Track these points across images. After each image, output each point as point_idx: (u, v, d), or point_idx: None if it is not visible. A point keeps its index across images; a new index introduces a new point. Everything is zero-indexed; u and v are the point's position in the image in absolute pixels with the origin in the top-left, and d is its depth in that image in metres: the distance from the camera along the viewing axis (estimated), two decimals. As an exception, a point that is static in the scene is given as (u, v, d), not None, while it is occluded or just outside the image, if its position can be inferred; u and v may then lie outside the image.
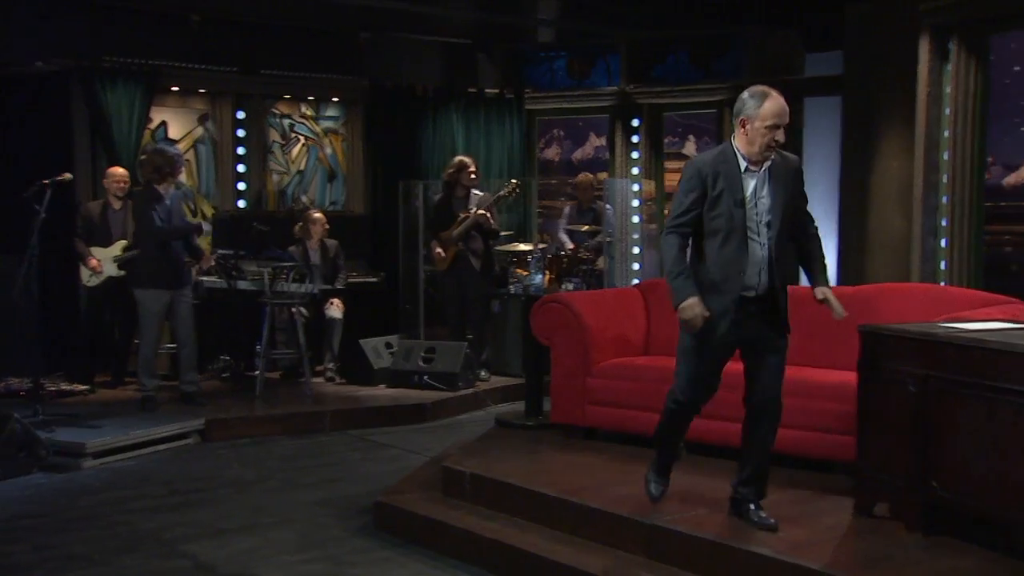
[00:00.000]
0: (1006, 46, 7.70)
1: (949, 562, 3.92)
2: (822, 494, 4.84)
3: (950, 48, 7.87)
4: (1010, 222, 7.74)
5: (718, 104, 10.41)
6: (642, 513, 4.58)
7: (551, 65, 11.25)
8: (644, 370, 5.93)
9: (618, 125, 10.99)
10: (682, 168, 4.60)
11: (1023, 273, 7.62)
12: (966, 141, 7.83)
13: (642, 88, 10.75)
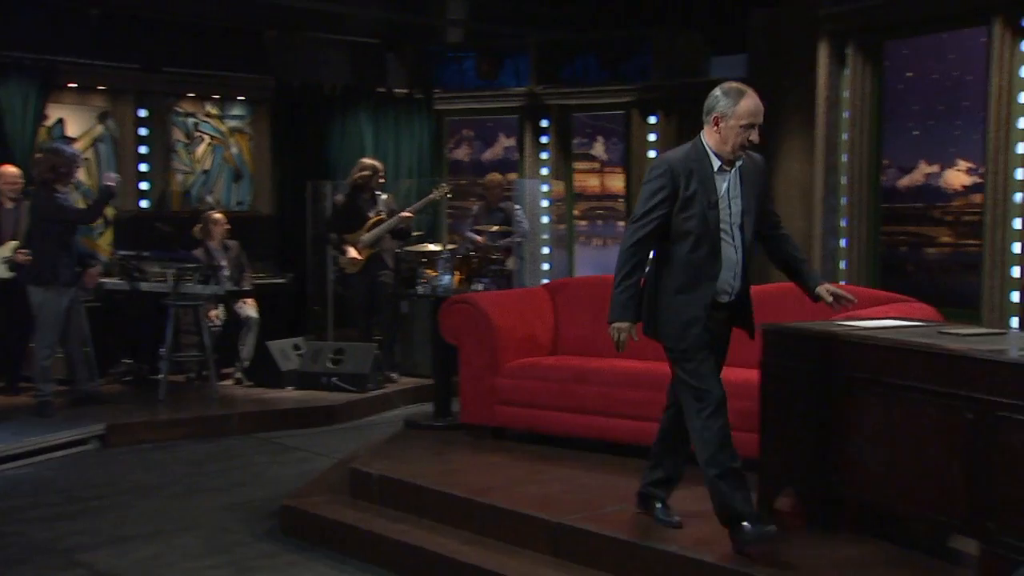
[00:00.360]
0: (900, 52, 7.94)
1: (847, 553, 4.02)
2: (726, 490, 4.91)
3: (847, 53, 8.08)
4: (905, 223, 7.98)
5: (626, 106, 10.52)
6: (549, 512, 4.59)
7: (460, 66, 11.24)
8: (552, 370, 5.97)
9: (527, 126, 11.03)
10: (651, 165, 4.22)
11: (918, 272, 7.87)
12: (863, 144, 8.05)
13: (551, 89, 10.81)
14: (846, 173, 8.18)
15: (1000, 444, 3.54)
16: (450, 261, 7.32)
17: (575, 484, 5.09)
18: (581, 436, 5.76)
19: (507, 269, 9.10)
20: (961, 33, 7.47)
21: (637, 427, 5.54)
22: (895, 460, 3.98)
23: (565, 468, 5.39)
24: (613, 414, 5.62)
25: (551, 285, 6.96)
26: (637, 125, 10.49)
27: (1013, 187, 7.04)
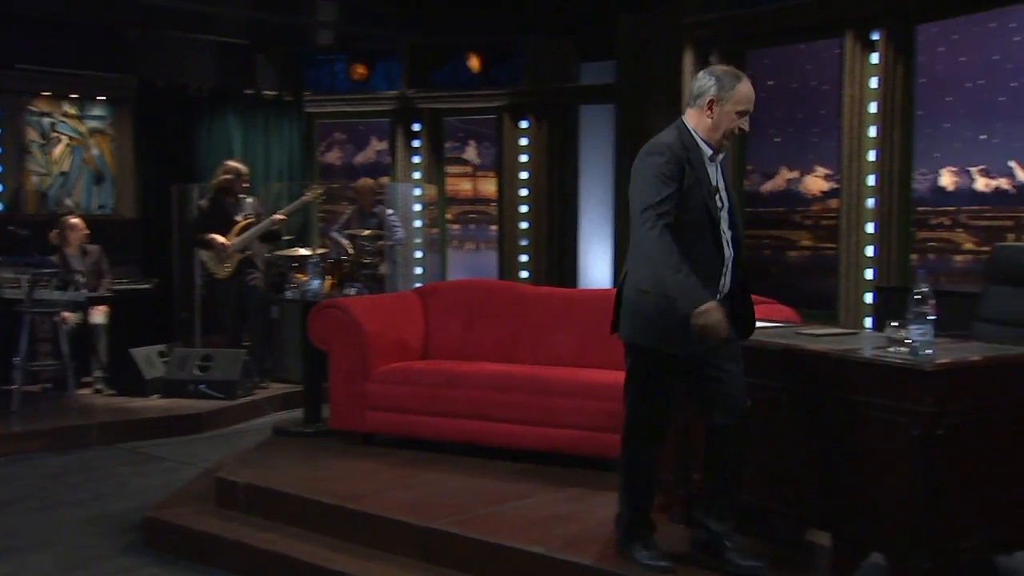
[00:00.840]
0: (761, 61, 8.19)
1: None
2: (595, 491, 4.97)
3: (711, 61, 8.29)
4: (768, 227, 8.23)
5: (497, 110, 10.57)
6: (418, 517, 4.57)
7: (331, 68, 11.10)
8: (422, 374, 5.95)
9: (399, 129, 10.98)
10: (648, 150, 3.77)
11: (781, 275, 8.12)
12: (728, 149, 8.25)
13: (423, 93, 10.78)
14: (711, 178, 8.37)
15: (852, 440, 3.67)
16: (320, 265, 7.22)
17: (445, 488, 5.08)
18: (452, 440, 5.75)
19: (379, 273, 9.03)
20: (817, 44, 7.76)
21: (507, 430, 5.57)
22: (756, 457, 4.09)
23: (435, 472, 5.38)
24: (483, 418, 5.63)
25: (422, 289, 6.94)
26: (508, 129, 10.55)
27: (866, 193, 7.34)
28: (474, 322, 6.41)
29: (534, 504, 4.80)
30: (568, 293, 6.75)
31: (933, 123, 7.07)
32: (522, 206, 10.60)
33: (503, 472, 5.36)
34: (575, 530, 4.40)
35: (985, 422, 3.56)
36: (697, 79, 3.84)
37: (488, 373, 5.79)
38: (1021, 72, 6.54)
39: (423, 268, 10.94)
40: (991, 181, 6.78)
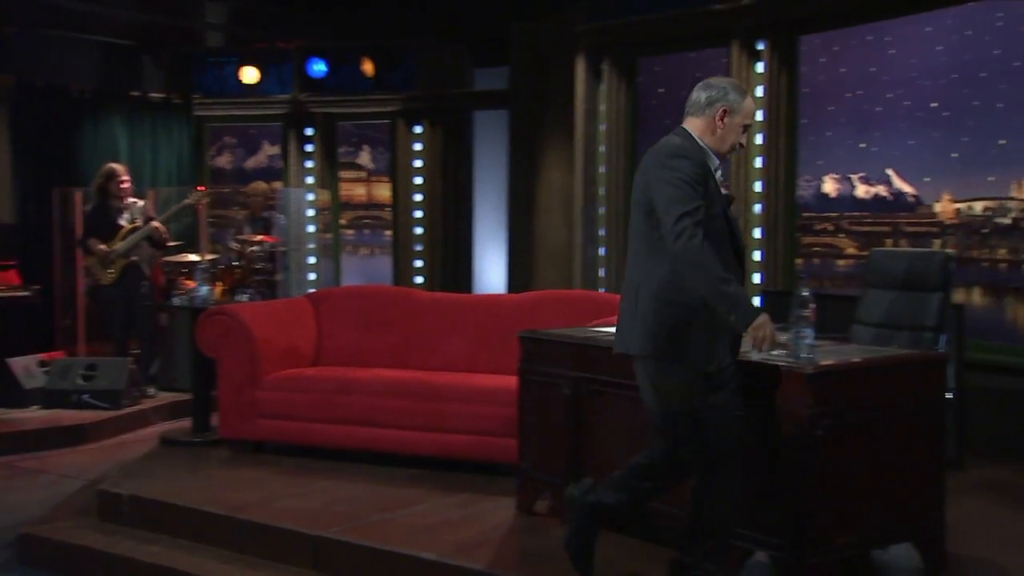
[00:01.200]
0: (652, 69, 8.33)
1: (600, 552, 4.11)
2: (487, 496, 4.98)
3: (603, 68, 8.40)
4: (660, 232, 8.34)
5: (391, 115, 10.52)
6: (309, 526, 4.52)
7: (221, 71, 10.88)
8: (314, 381, 5.88)
9: (292, 134, 10.84)
10: (670, 153, 3.53)
11: (672, 279, 8.24)
12: (619, 155, 8.39)
13: (315, 97, 10.66)
14: (604, 184, 8.49)
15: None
16: (209, 271, 7.08)
17: (337, 496, 5.03)
18: (344, 447, 5.71)
19: (272, 279, 8.90)
20: (705, 53, 7.91)
21: (400, 436, 5.55)
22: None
23: (328, 480, 5.32)
24: (376, 424, 5.60)
25: (314, 295, 6.86)
26: (403, 135, 10.51)
27: (753, 199, 7.51)
28: (367, 328, 6.37)
29: (426, 510, 4.79)
30: (461, 298, 6.75)
31: (816, 131, 7.28)
32: (416, 211, 10.56)
33: (395, 478, 5.33)
34: (467, 535, 4.40)
35: (862, 422, 3.67)
36: (706, 88, 3.67)
37: (380, 379, 5.75)
38: (896, 84, 6.77)
39: (317, 274, 10.81)
40: (871, 188, 7.01)
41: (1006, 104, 6.18)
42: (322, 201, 10.86)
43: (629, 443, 4.19)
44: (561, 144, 9.11)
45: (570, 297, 6.38)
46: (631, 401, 4.18)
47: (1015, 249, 6.22)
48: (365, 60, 10.37)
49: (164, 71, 10.94)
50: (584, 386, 4.38)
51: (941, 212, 6.60)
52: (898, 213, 6.85)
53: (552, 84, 9.13)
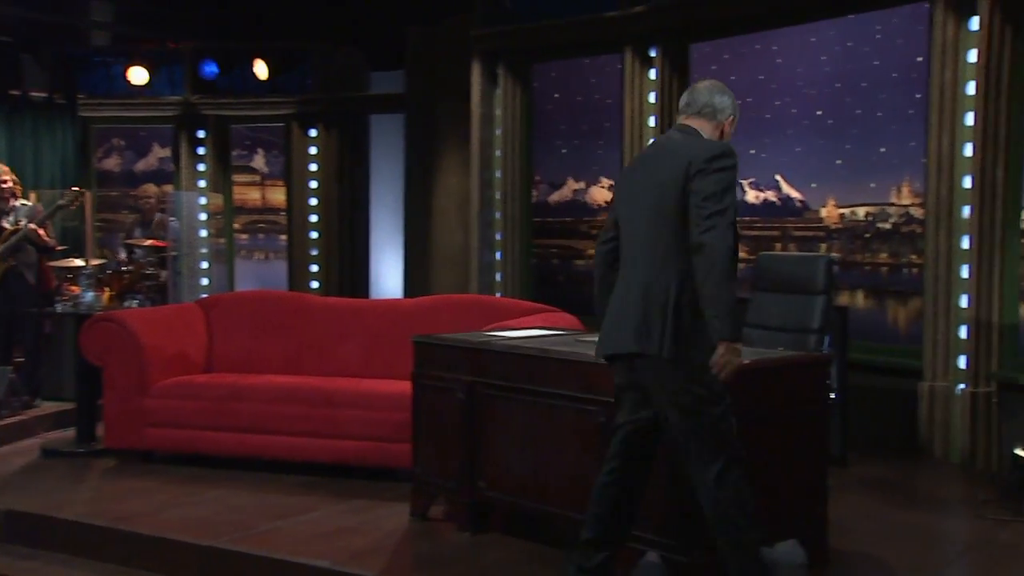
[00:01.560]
0: (548, 74, 8.38)
1: (493, 556, 4.15)
2: (382, 502, 4.95)
3: (499, 73, 8.42)
4: (556, 236, 8.42)
5: (286, 118, 10.38)
6: (198, 536, 4.42)
7: (109, 71, 10.59)
8: (205, 388, 5.76)
9: (183, 136, 10.60)
10: (724, 152, 3.42)
11: (569, 283, 8.32)
12: (515, 160, 8.42)
13: (208, 99, 10.46)
14: (499, 188, 8.51)
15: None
16: (95, 277, 6.87)
17: (227, 505, 4.94)
18: (236, 455, 5.60)
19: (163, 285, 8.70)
20: (601, 59, 8.00)
21: (293, 443, 5.47)
22: (537, 463, 4.17)
23: (218, 489, 5.21)
24: (268, 431, 5.51)
25: (205, 301, 6.72)
26: (297, 138, 10.38)
27: (647, 203, 7.60)
28: (259, 334, 6.26)
29: (320, 517, 4.73)
30: (356, 303, 6.69)
31: (708, 138, 7.40)
32: (312, 216, 10.44)
33: (289, 486, 5.25)
34: (361, 542, 4.36)
35: (749, 422, 3.74)
36: (721, 93, 3.61)
37: (273, 385, 5.66)
38: (784, 92, 6.95)
39: (209, 279, 10.60)
40: (760, 193, 7.17)
41: (885, 113, 6.39)
42: (215, 205, 10.64)
43: (522, 446, 4.21)
44: (457, 148, 9.10)
45: (466, 302, 6.37)
46: (524, 404, 4.21)
47: (896, 253, 6.43)
48: (258, 62, 10.21)
49: (47, 70, 10.58)
50: (478, 390, 4.38)
51: (827, 217, 6.79)
52: (787, 218, 7.02)
53: (448, 88, 9.12)
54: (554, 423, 4.10)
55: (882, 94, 6.41)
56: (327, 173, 10.37)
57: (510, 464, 4.29)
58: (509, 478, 4.29)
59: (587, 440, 3.94)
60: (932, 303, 5.96)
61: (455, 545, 4.31)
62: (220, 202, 10.66)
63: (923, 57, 6.08)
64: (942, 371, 5.91)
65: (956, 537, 4.69)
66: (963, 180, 5.81)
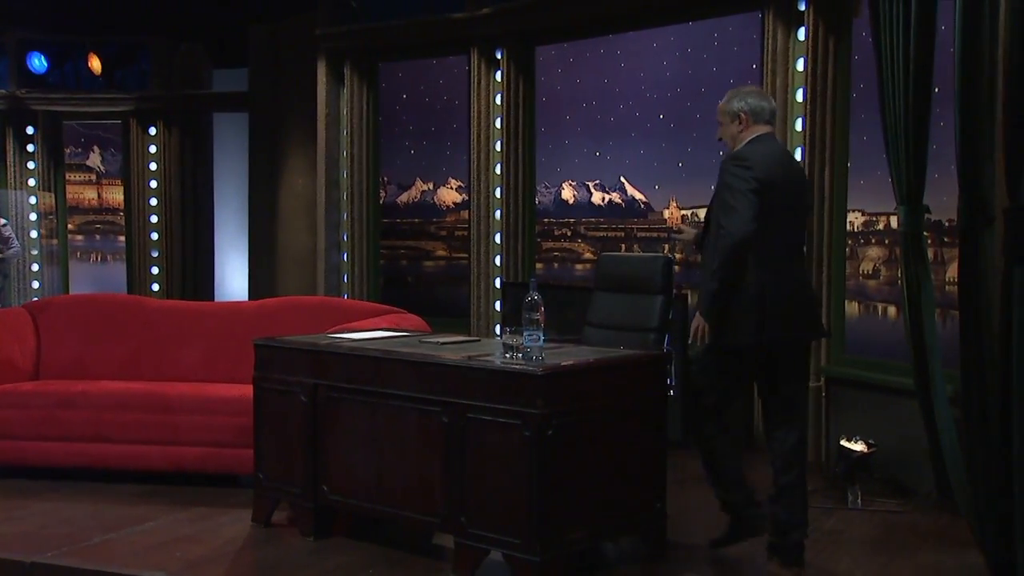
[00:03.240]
0: (395, 74, 8.33)
1: (336, 560, 4.10)
2: (223, 509, 4.82)
3: (345, 73, 8.33)
4: (405, 237, 8.38)
5: (124, 115, 10.03)
6: (24, 551, 4.20)
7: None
8: (33, 396, 5.48)
9: (9, 132, 10.11)
10: (739, 158, 4.01)
11: (417, 284, 8.29)
12: (362, 160, 8.34)
13: (37, 94, 10.00)
14: (346, 189, 8.42)
15: (470, 444, 3.79)
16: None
17: (58, 517, 4.72)
18: (68, 466, 5.35)
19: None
20: (449, 60, 8.01)
21: (129, 451, 5.28)
22: (381, 466, 4.13)
23: (46, 502, 4.97)
24: (103, 439, 5.29)
25: (33, 305, 6.40)
26: (136, 136, 10.04)
27: (494, 204, 7.66)
28: (94, 339, 6.01)
29: (156, 527, 4.57)
30: (198, 306, 6.48)
31: (554, 139, 7.50)
32: (152, 216, 10.12)
33: (124, 496, 5.06)
34: (199, 551, 4.23)
35: (591, 420, 3.81)
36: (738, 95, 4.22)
37: (106, 392, 5.44)
38: (627, 95, 7.09)
39: (41, 282, 10.15)
40: (605, 195, 7.30)
41: (723, 117, 6.58)
42: (46, 205, 10.19)
43: (366, 448, 4.17)
44: (303, 148, 8.96)
45: (311, 304, 6.26)
46: (368, 407, 4.17)
47: (733, 253, 6.63)
48: (92, 56, 9.83)
49: None
50: (321, 393, 4.31)
51: (669, 218, 6.96)
52: (631, 219, 7.17)
53: (293, 87, 8.98)
54: (398, 425, 4.07)
55: (720, 98, 6.60)
56: (168, 172, 10.08)
57: (354, 467, 4.24)
58: (353, 481, 4.24)
59: (430, 441, 3.93)
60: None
61: (298, 551, 4.23)
62: (52, 202, 10.23)
63: (756, 64, 6.30)
64: (776, 367, 6.12)
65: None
66: (794, 183, 6.03)
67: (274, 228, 9.34)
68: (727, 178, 3.96)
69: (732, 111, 4.20)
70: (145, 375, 5.83)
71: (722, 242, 3.88)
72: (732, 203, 3.89)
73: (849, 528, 4.60)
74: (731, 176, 3.95)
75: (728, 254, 3.86)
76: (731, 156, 4.07)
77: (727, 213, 3.90)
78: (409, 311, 5.83)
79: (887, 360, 5.41)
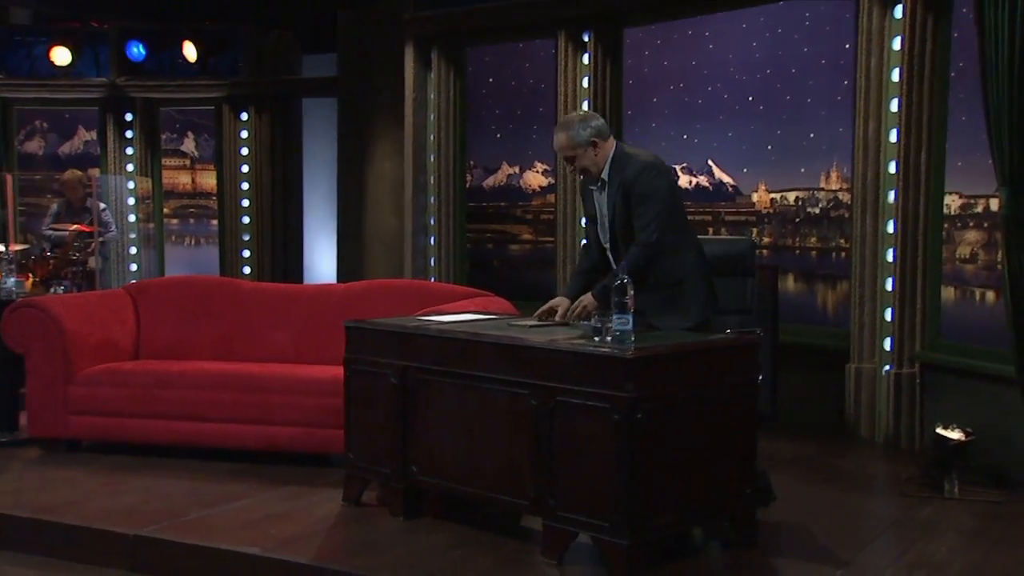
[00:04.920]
0: (482, 59, 8.35)
1: (425, 541, 4.14)
2: (314, 488, 4.91)
3: (432, 57, 8.37)
4: (491, 221, 8.41)
5: (216, 101, 10.22)
6: (126, 525, 4.34)
7: (30, 51, 10.33)
8: (132, 375, 5.66)
9: (110, 119, 10.38)
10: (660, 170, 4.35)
11: (503, 268, 8.32)
12: (449, 145, 8.39)
13: (135, 81, 10.25)
14: (434, 173, 8.47)
15: (559, 427, 3.80)
16: (16, 262, 6.71)
17: (156, 493, 4.86)
18: (165, 443, 5.51)
19: (90, 270, 8.53)
20: (534, 44, 8.00)
21: (223, 430, 5.40)
22: (470, 448, 4.16)
23: (147, 478, 5.13)
24: (198, 418, 5.43)
25: (133, 287, 6.60)
26: (228, 121, 10.23)
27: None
28: (189, 320, 6.17)
29: (250, 504, 4.67)
30: (288, 289, 6.61)
31: (641, 122, 7.45)
32: (244, 200, 10.30)
33: (219, 473, 5.19)
34: (291, 529, 4.32)
35: (681, 404, 3.78)
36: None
37: (202, 372, 5.58)
38: (716, 77, 7.00)
39: (138, 265, 10.42)
40: (692, 178, 7.22)
41: (814, 99, 6.48)
42: (144, 189, 10.46)
43: (455, 430, 4.21)
44: (391, 133, 9.04)
45: (399, 286, 6.34)
46: (457, 389, 4.20)
47: (824, 238, 6.53)
48: (187, 44, 10.03)
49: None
50: (411, 375, 4.35)
51: (758, 202, 6.86)
52: (719, 203, 7.09)
53: (381, 72, 9.05)
54: (486, 407, 4.09)
55: (811, 80, 6.50)
56: (259, 157, 10.24)
57: (443, 449, 4.28)
58: (442, 463, 4.28)
59: (519, 423, 3.94)
60: (858, 286, 6.06)
61: (388, 530, 4.29)
62: (149, 186, 10.49)
63: (850, 44, 6.17)
64: (868, 353, 6.02)
65: (879, 514, 4.79)
66: (889, 165, 5.91)
67: (362, 211, 9.44)
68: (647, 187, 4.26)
69: (584, 141, 4.32)
70: (238, 355, 5.96)
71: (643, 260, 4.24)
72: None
73: (945, 518, 4.50)
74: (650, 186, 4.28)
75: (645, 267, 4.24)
76: (643, 168, 4.27)
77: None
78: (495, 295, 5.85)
79: (985, 346, 5.27)
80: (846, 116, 6.23)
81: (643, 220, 4.24)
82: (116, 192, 10.26)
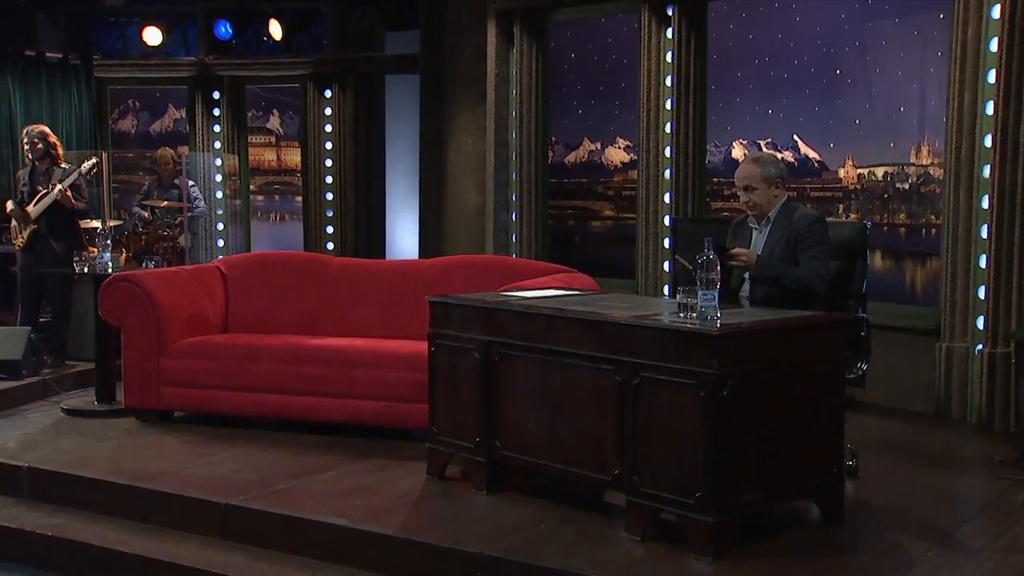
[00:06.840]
0: (564, 34, 8.31)
1: (509, 515, 4.18)
2: (399, 462, 4.97)
3: (514, 33, 8.35)
4: (572, 197, 8.39)
5: (301, 79, 10.34)
6: (217, 494, 4.46)
7: (123, 31, 10.57)
8: (222, 348, 5.79)
9: (198, 97, 10.58)
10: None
11: (585, 244, 8.30)
12: (531, 121, 8.37)
13: (222, 60, 10.42)
14: (515, 149, 8.47)
15: (643, 403, 3.79)
16: (112, 238, 6.89)
17: (246, 464, 4.98)
18: (253, 415, 5.64)
19: (179, 246, 8.73)
20: (617, 19, 7.93)
21: (310, 403, 5.50)
22: (554, 423, 4.18)
23: (236, 448, 5.25)
24: (285, 391, 5.54)
25: (223, 262, 6.73)
26: (313, 99, 10.34)
27: (664, 164, 7.56)
28: (276, 295, 6.28)
29: (336, 476, 4.76)
30: (372, 264, 6.70)
31: (725, 97, 7.35)
32: (327, 177, 10.42)
33: (305, 445, 5.29)
34: (378, 501, 4.39)
35: (767, 382, 3.75)
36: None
37: (290, 346, 5.68)
38: (801, 51, 6.87)
39: (225, 240, 10.63)
40: (778, 154, 7.10)
41: (904, 73, 6.32)
42: (230, 166, 10.64)
43: (538, 405, 4.22)
44: (472, 109, 9.04)
45: (482, 262, 6.38)
46: (540, 364, 4.21)
47: (913, 214, 6.38)
48: (273, 22, 10.16)
49: (61, 30, 10.57)
50: (494, 350, 4.38)
51: (845, 177, 6.73)
52: (804, 178, 6.97)
53: (463, 48, 9.05)
54: (570, 382, 4.10)
55: (901, 52, 6.34)
56: (342, 134, 10.34)
57: (526, 424, 4.30)
58: (525, 437, 4.30)
59: (603, 399, 3.94)
60: (950, 263, 5.92)
61: (472, 504, 4.34)
62: (235, 163, 10.67)
63: (944, 14, 6.00)
64: (960, 332, 5.89)
65: (972, 496, 4.69)
66: (984, 139, 5.75)
67: (443, 187, 9.48)
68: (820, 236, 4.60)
69: (770, 177, 4.57)
70: (324, 330, 6.06)
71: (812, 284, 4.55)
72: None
73: (1040, 501, 4.40)
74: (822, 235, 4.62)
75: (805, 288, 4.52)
76: (816, 219, 4.66)
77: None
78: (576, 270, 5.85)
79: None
80: (938, 89, 6.07)
81: (816, 262, 4.56)
82: (204, 169, 10.46)
